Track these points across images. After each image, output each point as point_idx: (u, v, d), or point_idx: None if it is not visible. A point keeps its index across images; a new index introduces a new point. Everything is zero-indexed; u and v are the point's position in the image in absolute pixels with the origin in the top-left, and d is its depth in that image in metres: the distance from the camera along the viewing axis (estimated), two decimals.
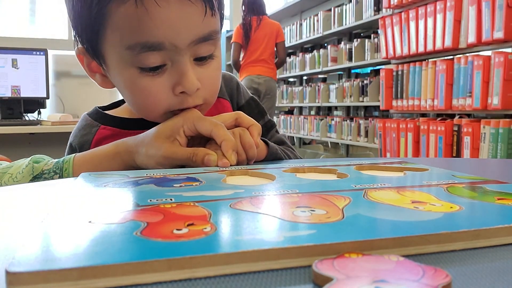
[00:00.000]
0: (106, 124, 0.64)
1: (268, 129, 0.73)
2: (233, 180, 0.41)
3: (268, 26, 3.37)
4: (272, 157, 0.58)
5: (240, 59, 3.46)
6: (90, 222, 0.25)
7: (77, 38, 0.56)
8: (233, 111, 0.71)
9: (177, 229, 0.23)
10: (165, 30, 0.49)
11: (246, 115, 0.56)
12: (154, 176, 0.41)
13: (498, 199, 0.31)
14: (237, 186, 0.36)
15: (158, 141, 0.50)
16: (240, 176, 0.43)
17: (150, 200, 0.30)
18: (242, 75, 3.41)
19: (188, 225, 0.24)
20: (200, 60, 0.54)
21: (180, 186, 0.36)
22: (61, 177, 0.52)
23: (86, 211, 0.28)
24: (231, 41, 3.45)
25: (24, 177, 0.51)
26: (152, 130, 0.52)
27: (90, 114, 0.66)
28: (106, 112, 0.67)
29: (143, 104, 0.55)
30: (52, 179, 0.52)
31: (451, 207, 0.28)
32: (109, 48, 0.53)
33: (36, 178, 0.52)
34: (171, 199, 0.30)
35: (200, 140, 0.53)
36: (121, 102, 0.70)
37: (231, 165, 0.48)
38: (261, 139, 0.58)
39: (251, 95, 0.76)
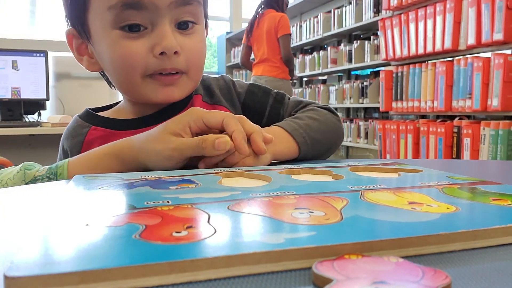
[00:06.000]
0: (97, 125, 0.64)
1: (280, 100, 0.71)
2: (229, 181, 0.41)
3: (268, 21, 2.98)
4: (297, 135, 0.58)
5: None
6: (87, 225, 0.25)
7: (67, 19, 0.61)
8: (237, 109, 0.70)
9: (177, 232, 0.23)
10: None
11: (249, 121, 0.53)
12: (149, 178, 0.40)
13: (493, 199, 0.31)
14: (234, 188, 0.36)
15: (165, 136, 0.49)
16: (235, 178, 0.43)
17: (147, 203, 0.30)
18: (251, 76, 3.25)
19: (187, 227, 0.24)
20: (181, 28, 0.57)
21: (176, 188, 0.35)
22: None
23: (82, 214, 0.28)
24: None
25: (15, 183, 0.50)
26: (156, 128, 0.51)
27: (81, 116, 0.67)
28: (97, 113, 0.67)
29: (123, 67, 0.57)
30: None
31: (448, 208, 0.28)
32: (93, 16, 0.57)
33: (28, 184, 0.50)
34: (168, 201, 0.30)
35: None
36: (113, 105, 0.70)
37: (242, 166, 0.48)
38: (275, 124, 0.60)
39: (249, 82, 0.75)
